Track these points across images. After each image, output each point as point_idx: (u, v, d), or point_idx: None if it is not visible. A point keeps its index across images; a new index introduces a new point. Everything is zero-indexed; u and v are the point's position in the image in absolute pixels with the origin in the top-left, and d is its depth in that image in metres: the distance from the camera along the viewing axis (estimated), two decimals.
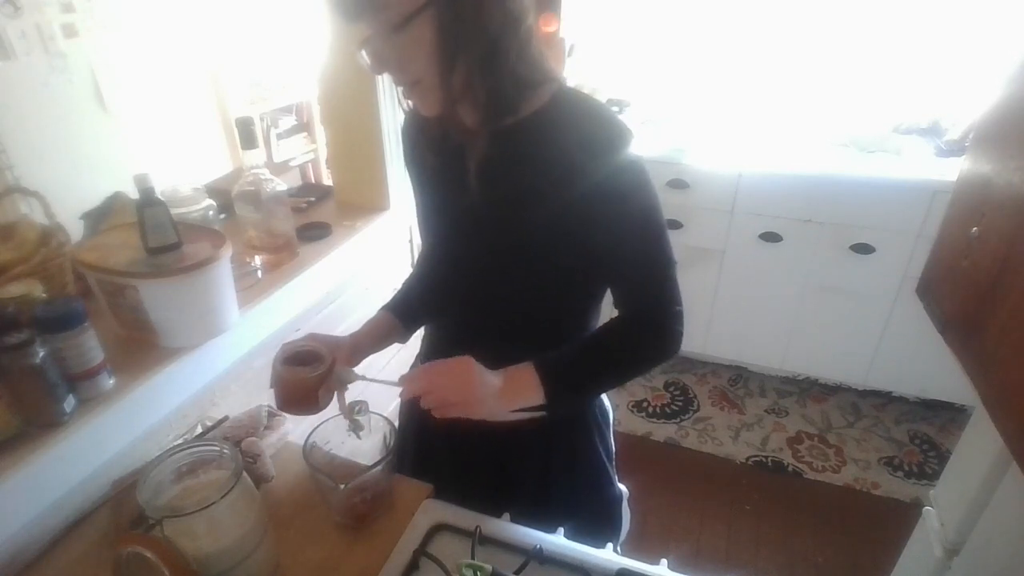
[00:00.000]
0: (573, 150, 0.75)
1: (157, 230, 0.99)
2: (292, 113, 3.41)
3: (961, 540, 0.99)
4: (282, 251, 1.35)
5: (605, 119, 0.77)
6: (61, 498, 0.90)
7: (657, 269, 0.82)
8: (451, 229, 0.89)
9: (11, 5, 1.36)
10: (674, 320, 0.82)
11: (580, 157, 0.75)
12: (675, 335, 0.82)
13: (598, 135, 0.75)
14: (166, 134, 2.72)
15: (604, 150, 0.75)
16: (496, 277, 0.85)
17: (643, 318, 0.83)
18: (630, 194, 0.78)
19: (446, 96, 0.74)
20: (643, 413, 2.46)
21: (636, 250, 0.81)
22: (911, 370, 2.30)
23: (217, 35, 2.92)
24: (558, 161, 0.75)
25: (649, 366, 0.85)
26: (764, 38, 2.49)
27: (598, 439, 1.02)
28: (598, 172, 0.75)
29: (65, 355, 0.88)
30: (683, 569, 0.80)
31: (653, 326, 0.82)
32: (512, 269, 0.84)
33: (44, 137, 2.17)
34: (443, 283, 0.95)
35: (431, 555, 0.79)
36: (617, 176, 0.76)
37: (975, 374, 0.77)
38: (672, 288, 0.82)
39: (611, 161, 0.75)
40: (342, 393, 0.88)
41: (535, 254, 0.82)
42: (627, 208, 0.78)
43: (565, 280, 0.85)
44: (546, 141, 0.76)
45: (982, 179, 0.80)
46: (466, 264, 0.88)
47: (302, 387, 0.84)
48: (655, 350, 0.83)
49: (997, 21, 2.13)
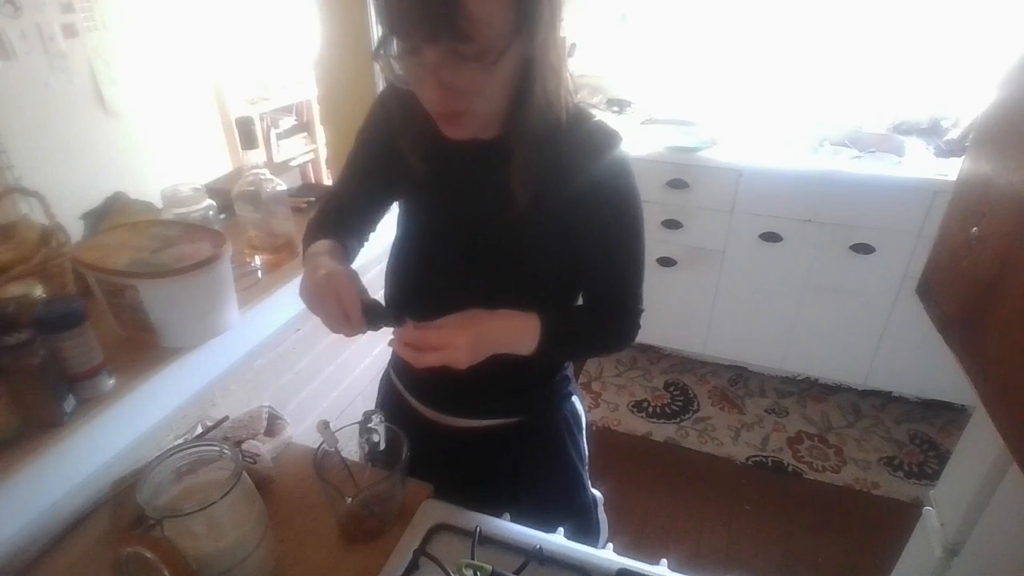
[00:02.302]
0: (568, 153, 0.76)
1: None
2: (292, 113, 3.42)
3: (961, 540, 0.99)
4: (282, 251, 1.35)
5: (596, 122, 0.79)
6: (61, 498, 0.90)
7: (632, 271, 0.86)
8: (433, 234, 0.89)
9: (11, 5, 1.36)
10: (638, 316, 0.90)
11: (574, 159, 0.76)
12: (636, 329, 0.90)
13: (591, 138, 0.77)
14: (166, 134, 2.72)
15: (596, 152, 0.77)
16: (476, 280, 0.85)
17: (612, 311, 0.88)
18: (621, 193, 0.80)
19: (493, 121, 0.75)
20: (643, 413, 2.46)
21: (619, 249, 0.84)
22: (911, 370, 2.30)
23: (217, 35, 2.92)
24: (552, 164, 0.76)
25: (612, 351, 0.94)
26: (764, 38, 2.49)
27: (570, 444, 1.02)
28: (590, 173, 0.76)
29: (65, 355, 0.87)
30: (683, 569, 0.80)
31: (622, 319, 0.89)
32: (494, 273, 0.85)
33: (44, 137, 2.17)
34: (415, 277, 0.93)
35: (431, 555, 0.79)
36: (609, 178, 0.78)
37: (975, 374, 0.77)
38: (639, 289, 0.88)
39: (603, 162, 0.77)
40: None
41: (521, 257, 0.83)
42: (617, 207, 0.80)
43: (545, 284, 0.86)
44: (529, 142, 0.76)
45: (982, 179, 0.80)
46: (443, 266, 0.89)
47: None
48: (620, 338, 0.90)
49: (997, 21, 2.13)
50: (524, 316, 0.80)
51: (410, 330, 0.75)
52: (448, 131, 0.73)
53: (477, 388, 0.90)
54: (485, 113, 0.72)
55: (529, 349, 0.80)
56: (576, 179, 0.77)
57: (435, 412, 0.98)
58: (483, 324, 0.77)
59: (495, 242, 0.83)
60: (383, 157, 0.87)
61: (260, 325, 1.25)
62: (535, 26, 0.65)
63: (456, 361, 0.74)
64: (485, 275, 0.85)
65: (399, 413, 0.99)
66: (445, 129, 0.73)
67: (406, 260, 0.94)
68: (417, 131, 0.80)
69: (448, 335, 0.73)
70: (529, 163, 0.75)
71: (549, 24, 0.66)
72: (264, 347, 1.28)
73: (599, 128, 0.79)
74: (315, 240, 0.86)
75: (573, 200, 0.78)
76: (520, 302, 0.81)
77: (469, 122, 0.72)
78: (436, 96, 0.67)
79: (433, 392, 0.98)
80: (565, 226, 0.80)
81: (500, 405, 0.96)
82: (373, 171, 0.90)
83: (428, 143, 0.80)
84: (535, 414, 0.98)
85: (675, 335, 2.63)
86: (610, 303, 0.88)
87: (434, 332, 0.74)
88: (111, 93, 2.42)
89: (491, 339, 0.77)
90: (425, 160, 0.82)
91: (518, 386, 0.95)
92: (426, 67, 0.64)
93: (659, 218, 2.36)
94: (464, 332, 0.74)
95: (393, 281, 0.96)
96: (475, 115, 0.71)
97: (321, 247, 0.83)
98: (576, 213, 0.79)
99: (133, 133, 2.56)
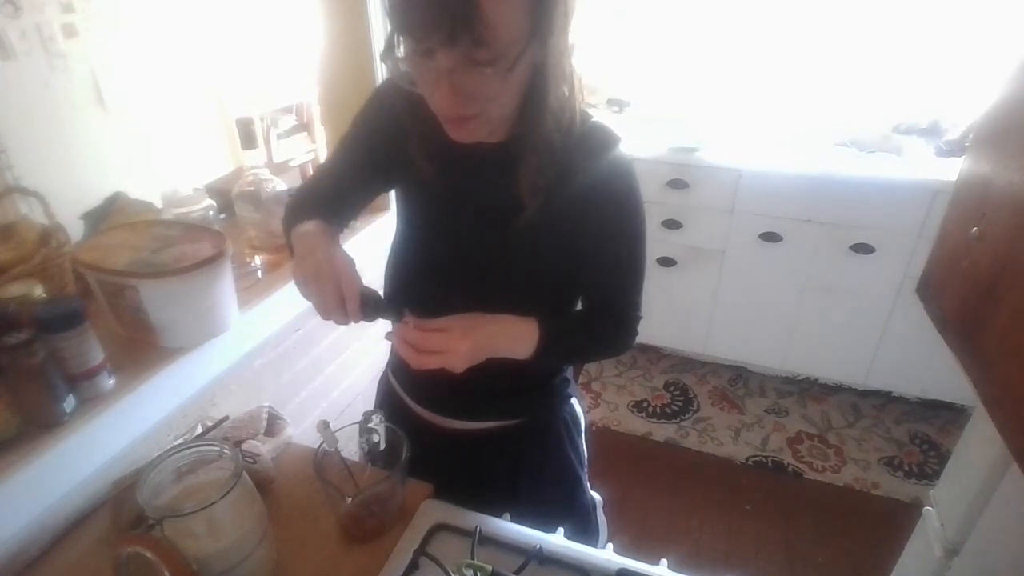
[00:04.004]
0: (568, 154, 0.76)
1: None
2: (292, 113, 3.41)
3: (961, 540, 0.99)
4: (282, 251, 1.35)
5: (594, 123, 0.79)
6: (61, 498, 0.90)
7: (631, 278, 0.86)
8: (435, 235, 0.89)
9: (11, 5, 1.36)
10: (635, 323, 0.89)
11: (573, 161, 0.76)
12: (633, 335, 0.90)
13: (590, 138, 0.77)
14: (166, 134, 2.71)
15: (595, 153, 0.77)
16: (476, 282, 0.85)
17: (610, 316, 0.88)
18: (622, 196, 0.79)
19: (501, 126, 0.74)
20: (643, 413, 2.46)
21: (620, 254, 0.84)
22: (911, 370, 2.30)
23: (217, 35, 2.92)
24: (552, 165, 0.75)
25: (608, 356, 0.95)
26: (764, 38, 2.49)
27: (569, 446, 1.02)
28: (590, 173, 0.76)
29: (65, 355, 0.87)
30: (683, 569, 0.80)
31: (617, 326, 0.88)
32: (494, 275, 0.85)
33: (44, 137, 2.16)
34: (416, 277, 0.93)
35: (431, 555, 0.79)
36: (609, 179, 0.78)
37: (975, 374, 0.77)
38: (639, 295, 0.88)
39: (603, 163, 0.77)
40: None
41: (522, 261, 0.83)
42: (618, 210, 0.80)
43: (545, 287, 0.86)
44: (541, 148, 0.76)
45: (982, 179, 0.80)
46: (445, 267, 0.88)
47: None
48: (617, 345, 0.91)
49: (997, 21, 2.13)
50: (524, 322, 0.80)
51: (411, 329, 0.74)
52: (456, 135, 0.72)
53: (475, 391, 0.90)
54: (496, 118, 0.71)
55: (526, 354, 0.80)
56: (575, 181, 0.76)
57: (433, 414, 0.98)
58: (484, 328, 0.77)
59: (497, 245, 0.83)
60: (381, 148, 0.85)
61: (260, 325, 1.25)
62: (549, 32, 0.64)
63: (454, 366, 0.74)
64: (485, 277, 0.85)
65: (397, 415, 0.99)
66: (452, 133, 0.72)
67: (406, 259, 0.93)
68: (424, 132, 0.79)
69: (450, 340, 0.73)
70: (541, 169, 0.75)
71: (562, 30, 0.66)
72: (264, 347, 1.28)
73: (597, 128, 0.78)
74: (301, 218, 0.81)
75: (572, 203, 0.78)
76: (520, 304, 0.81)
77: (478, 127, 0.71)
78: (448, 100, 0.66)
79: (431, 395, 0.97)
80: (566, 230, 0.80)
81: (499, 408, 0.96)
82: (369, 160, 0.88)
83: (434, 144, 0.79)
84: (534, 416, 0.98)
85: (675, 335, 2.63)
86: (608, 311, 0.88)
87: (436, 336, 0.74)
88: (111, 93, 2.41)
89: (490, 344, 0.78)
90: (432, 161, 0.81)
91: (517, 388, 0.95)
92: (439, 71, 0.63)
93: (659, 218, 2.36)
94: (466, 338, 0.74)
95: (393, 279, 0.96)
96: (485, 120, 0.70)
97: (313, 226, 0.78)
98: (575, 216, 0.79)
99: (133, 133, 2.55)
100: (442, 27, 0.60)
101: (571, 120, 0.75)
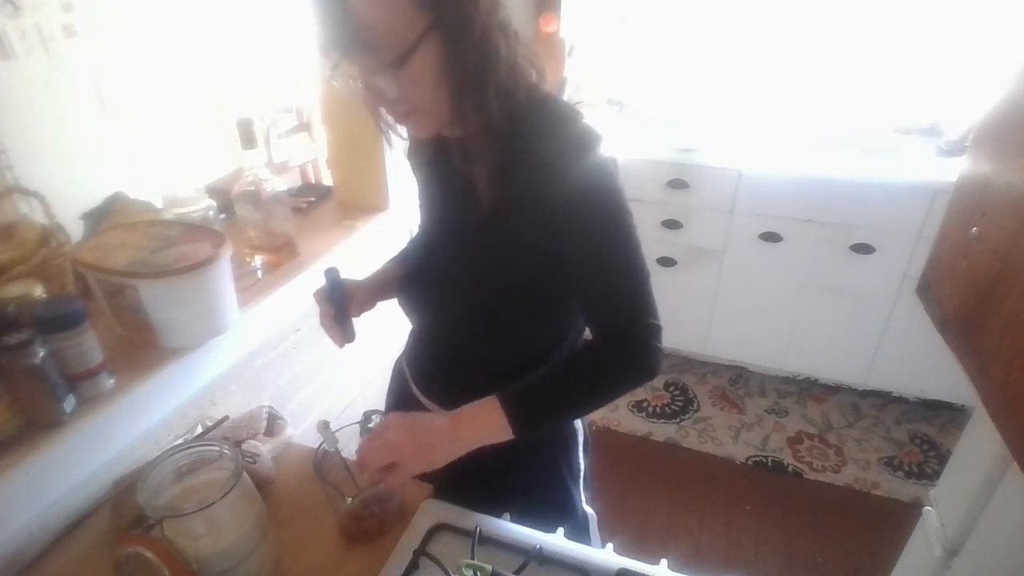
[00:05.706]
0: (544, 154, 0.73)
1: None
2: (292, 113, 3.41)
3: (961, 540, 0.99)
4: (282, 251, 1.35)
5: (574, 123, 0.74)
6: (61, 498, 0.90)
7: (628, 280, 0.77)
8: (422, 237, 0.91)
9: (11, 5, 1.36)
10: (649, 334, 0.76)
11: (549, 159, 0.73)
12: (652, 350, 0.76)
13: (566, 137, 0.74)
14: (166, 134, 2.71)
15: (571, 154, 0.73)
16: (453, 284, 0.85)
17: (615, 335, 0.77)
18: (598, 199, 0.74)
19: (443, 118, 0.74)
20: (643, 413, 2.46)
21: (606, 258, 0.76)
22: (911, 370, 2.30)
23: (217, 35, 2.92)
24: (528, 166, 0.74)
25: (630, 386, 0.79)
26: (764, 38, 2.49)
27: (562, 460, 0.98)
28: (566, 173, 0.72)
29: (65, 355, 0.87)
30: (683, 569, 0.80)
31: (627, 344, 0.76)
32: (468, 276, 0.84)
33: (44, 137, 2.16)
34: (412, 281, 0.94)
35: (431, 555, 0.79)
36: (585, 179, 0.73)
37: (975, 374, 0.77)
38: (646, 300, 0.77)
39: (579, 166, 0.73)
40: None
41: (490, 260, 0.81)
42: (596, 216, 0.75)
43: (532, 293, 0.82)
44: (520, 147, 0.74)
45: (982, 179, 0.80)
46: (428, 270, 0.89)
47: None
48: (631, 370, 0.77)
49: (997, 22, 2.13)
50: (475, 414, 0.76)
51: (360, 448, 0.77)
52: (412, 131, 0.76)
53: (484, 384, 0.90)
54: (433, 111, 0.73)
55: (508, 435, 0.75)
56: (549, 182, 0.72)
57: (437, 406, 0.98)
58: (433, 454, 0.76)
59: (458, 246, 0.82)
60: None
61: (260, 325, 1.25)
62: (453, 19, 0.66)
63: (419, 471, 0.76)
64: (447, 278, 0.85)
65: (405, 405, 1.00)
66: (410, 130, 0.76)
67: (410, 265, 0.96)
68: (412, 141, 0.84)
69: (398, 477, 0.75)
70: (492, 157, 0.74)
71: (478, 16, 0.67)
72: (264, 347, 1.28)
73: (552, 106, 0.76)
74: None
75: (546, 205, 0.73)
76: (480, 313, 0.81)
77: (421, 120, 0.74)
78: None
79: (438, 386, 0.97)
80: (534, 229, 0.76)
81: None
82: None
83: (416, 150, 0.83)
84: None
85: (675, 335, 2.63)
86: (616, 328, 0.78)
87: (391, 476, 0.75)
88: (111, 93, 2.41)
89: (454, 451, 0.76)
90: (420, 168, 0.85)
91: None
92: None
93: (659, 218, 2.36)
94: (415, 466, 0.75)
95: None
96: (424, 113, 0.73)
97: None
98: (551, 223, 0.74)
99: (133, 133, 2.55)
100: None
101: (516, 103, 0.73)
